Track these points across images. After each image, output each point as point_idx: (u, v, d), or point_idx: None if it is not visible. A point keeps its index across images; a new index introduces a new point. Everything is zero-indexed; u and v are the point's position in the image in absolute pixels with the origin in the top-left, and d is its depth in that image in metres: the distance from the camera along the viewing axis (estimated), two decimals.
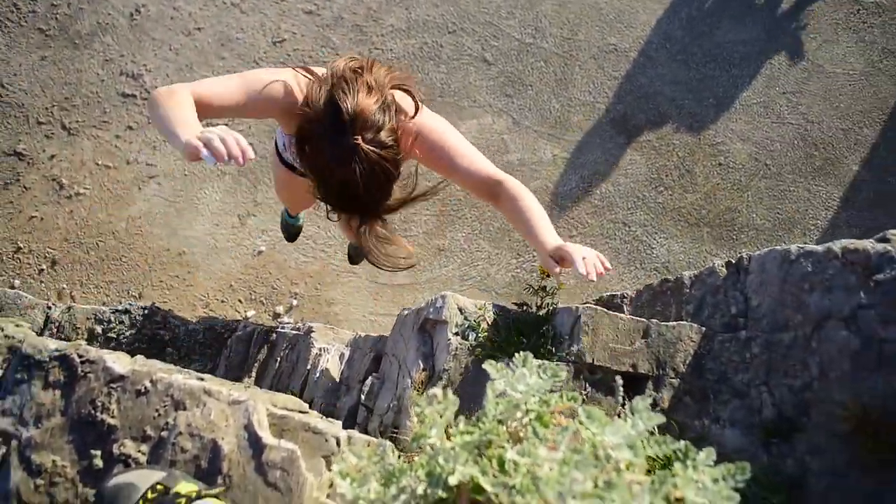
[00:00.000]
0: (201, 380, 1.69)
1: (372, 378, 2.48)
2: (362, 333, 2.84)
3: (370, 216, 1.59)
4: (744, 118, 3.99)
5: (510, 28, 4.19)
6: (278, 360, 2.93)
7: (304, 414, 1.74)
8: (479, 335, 2.21)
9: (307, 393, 2.67)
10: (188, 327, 3.30)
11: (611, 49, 4.15)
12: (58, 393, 1.58)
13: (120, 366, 1.61)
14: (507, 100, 4.02)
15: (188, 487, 1.41)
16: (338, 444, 1.63)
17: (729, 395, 1.95)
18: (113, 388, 1.58)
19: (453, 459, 1.04)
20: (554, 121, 3.98)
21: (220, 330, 3.32)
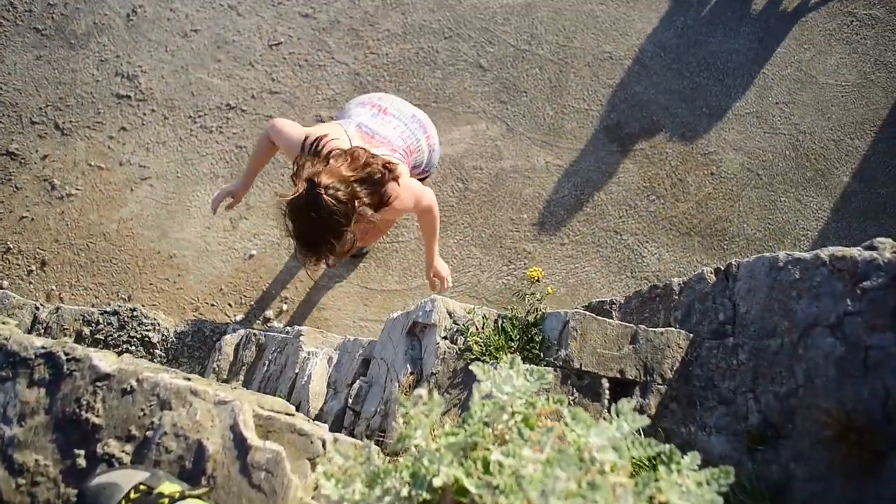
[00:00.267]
0: (188, 380, 1.68)
1: (360, 381, 2.47)
2: (351, 337, 2.83)
3: (323, 254, 2.16)
4: (736, 128, 4.00)
5: (506, 34, 4.20)
6: (266, 363, 2.92)
7: (291, 416, 1.74)
8: (468, 339, 2.21)
9: (295, 396, 2.66)
10: (177, 330, 3.30)
11: (606, 57, 4.16)
12: (42, 391, 1.57)
13: (106, 364, 1.60)
14: (502, 106, 4.03)
15: (171, 488, 1.41)
16: (324, 447, 1.62)
17: (715, 402, 1.95)
18: (98, 386, 1.57)
19: (438, 461, 1.04)
20: (548, 128, 3.99)
21: (209, 333, 3.31)
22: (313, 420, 1.95)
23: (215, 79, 4.08)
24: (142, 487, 1.40)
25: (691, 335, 2.14)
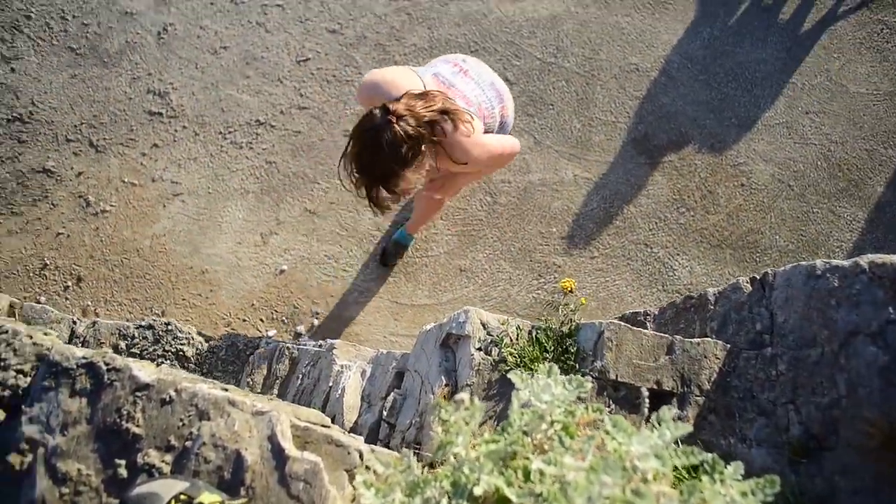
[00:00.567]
0: (225, 390, 1.69)
1: (394, 394, 2.47)
2: (384, 351, 2.84)
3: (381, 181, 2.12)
4: (766, 138, 3.97)
5: (532, 47, 4.21)
6: (300, 377, 2.93)
7: (327, 427, 1.74)
8: (503, 350, 2.20)
9: (329, 409, 2.67)
10: (210, 344, 3.33)
11: (632, 69, 4.16)
12: (84, 401, 1.59)
13: (145, 374, 1.62)
14: (529, 119, 4.04)
15: (211, 498, 1.41)
16: (361, 458, 1.62)
17: (755, 414, 1.92)
18: (138, 396, 1.59)
19: (478, 469, 1.03)
20: (575, 140, 3.98)
21: (242, 347, 3.33)
22: (348, 433, 1.95)
23: (245, 95, 4.13)
24: (182, 497, 1.40)
25: (728, 345, 2.11)
